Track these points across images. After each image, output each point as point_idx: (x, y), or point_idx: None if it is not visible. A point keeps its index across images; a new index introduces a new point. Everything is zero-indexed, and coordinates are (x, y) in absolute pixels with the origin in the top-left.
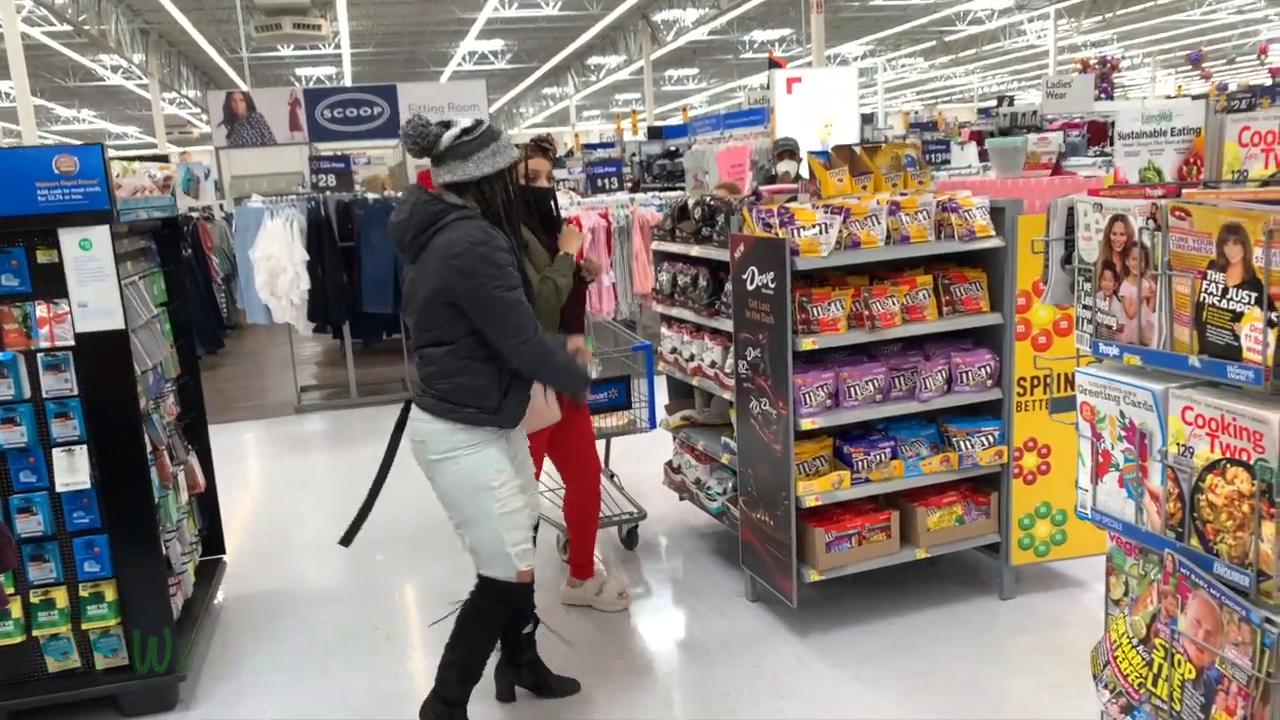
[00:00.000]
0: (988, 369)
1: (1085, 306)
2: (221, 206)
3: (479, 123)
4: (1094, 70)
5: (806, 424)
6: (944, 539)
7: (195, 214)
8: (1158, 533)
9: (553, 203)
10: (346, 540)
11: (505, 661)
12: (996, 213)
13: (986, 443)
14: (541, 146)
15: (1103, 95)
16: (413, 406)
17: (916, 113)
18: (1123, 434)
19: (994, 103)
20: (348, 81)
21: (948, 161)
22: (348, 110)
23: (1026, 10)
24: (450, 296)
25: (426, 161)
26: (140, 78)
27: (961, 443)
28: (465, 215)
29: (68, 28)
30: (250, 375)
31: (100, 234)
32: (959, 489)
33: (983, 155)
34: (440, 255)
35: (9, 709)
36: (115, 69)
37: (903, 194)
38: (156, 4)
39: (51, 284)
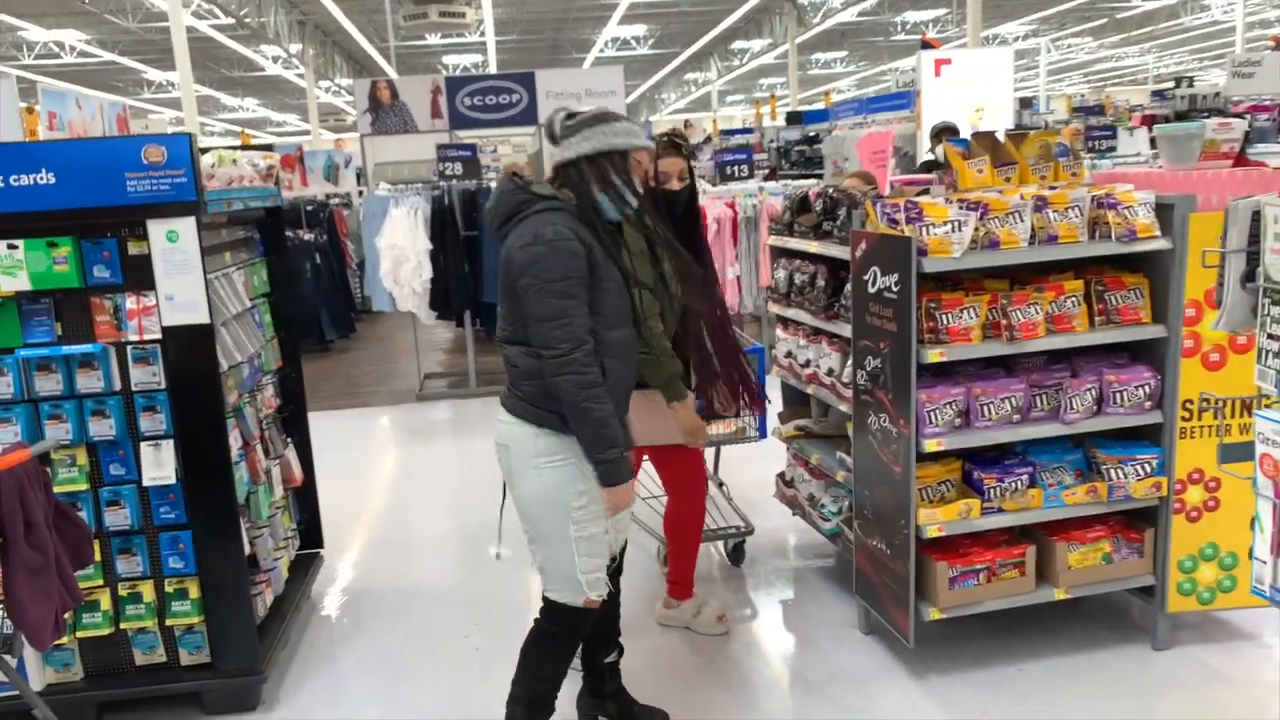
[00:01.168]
0: (1146, 389)
1: (1271, 336)
2: (361, 193)
3: (601, 111)
4: None
5: (930, 445)
6: (1088, 579)
7: (334, 200)
8: None
9: (688, 205)
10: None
11: (587, 691)
12: (1163, 210)
13: (1142, 472)
14: (674, 143)
15: None
16: (500, 408)
17: (1082, 96)
18: None
19: (1170, 84)
20: (492, 69)
21: (1113, 149)
22: (487, 98)
23: None
24: (514, 289)
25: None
26: (298, 67)
27: (1113, 471)
28: (549, 207)
29: (231, 21)
30: (378, 360)
31: (186, 225)
32: (1107, 523)
33: (1154, 142)
34: (513, 246)
35: (98, 700)
36: (275, 59)
37: (1052, 187)
38: None
39: (141, 276)
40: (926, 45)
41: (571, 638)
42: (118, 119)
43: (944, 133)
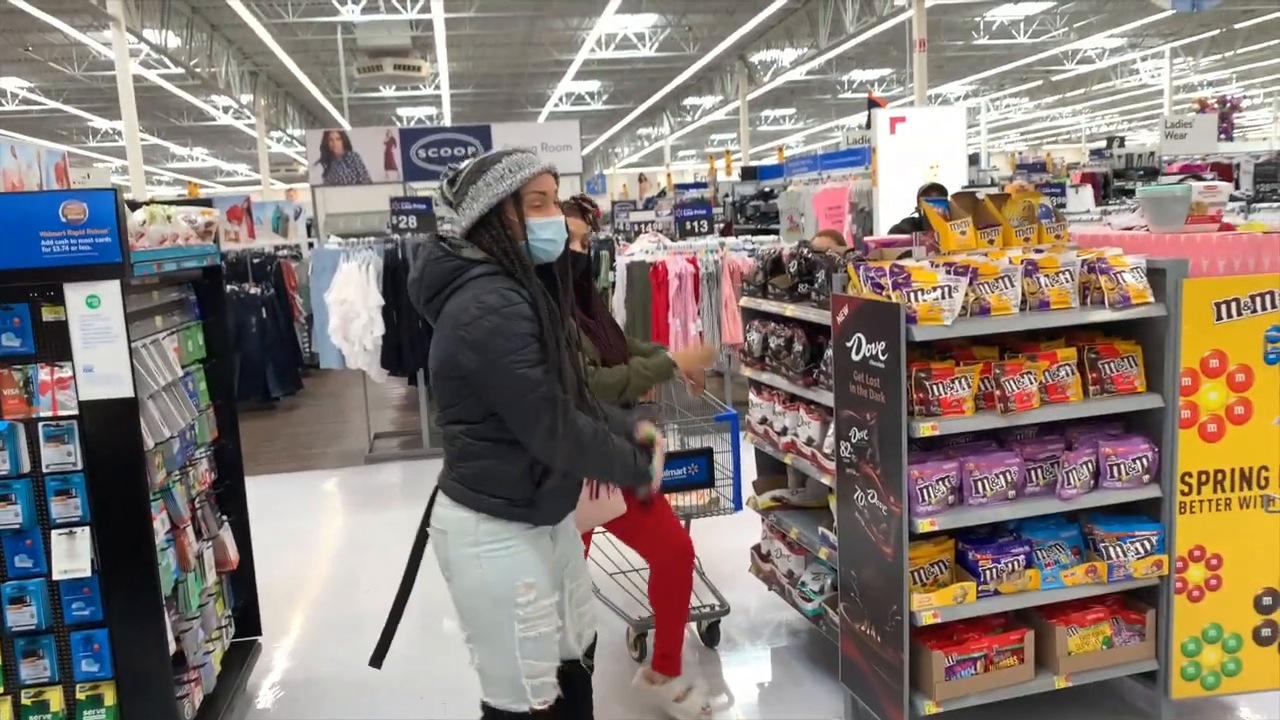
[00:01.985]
0: (1144, 461)
1: None
2: (312, 245)
3: (478, 161)
4: (1213, 110)
5: (924, 524)
6: (1088, 664)
7: (283, 252)
8: None
9: (587, 270)
10: (376, 661)
11: None
12: (1155, 274)
13: (1142, 550)
14: (580, 206)
15: (1224, 136)
16: (437, 492)
17: (1022, 153)
18: None
19: (1104, 143)
20: (447, 122)
21: (1063, 205)
22: (442, 150)
23: (1140, 49)
24: (460, 371)
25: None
26: (249, 117)
27: (1111, 549)
28: (486, 272)
29: (181, 70)
30: (326, 419)
31: (109, 289)
32: (1106, 604)
33: (1098, 199)
34: (450, 323)
35: None
36: (226, 109)
37: (1038, 250)
38: (265, 47)
39: (57, 345)
40: (873, 103)
41: None
42: (56, 168)
43: (931, 191)
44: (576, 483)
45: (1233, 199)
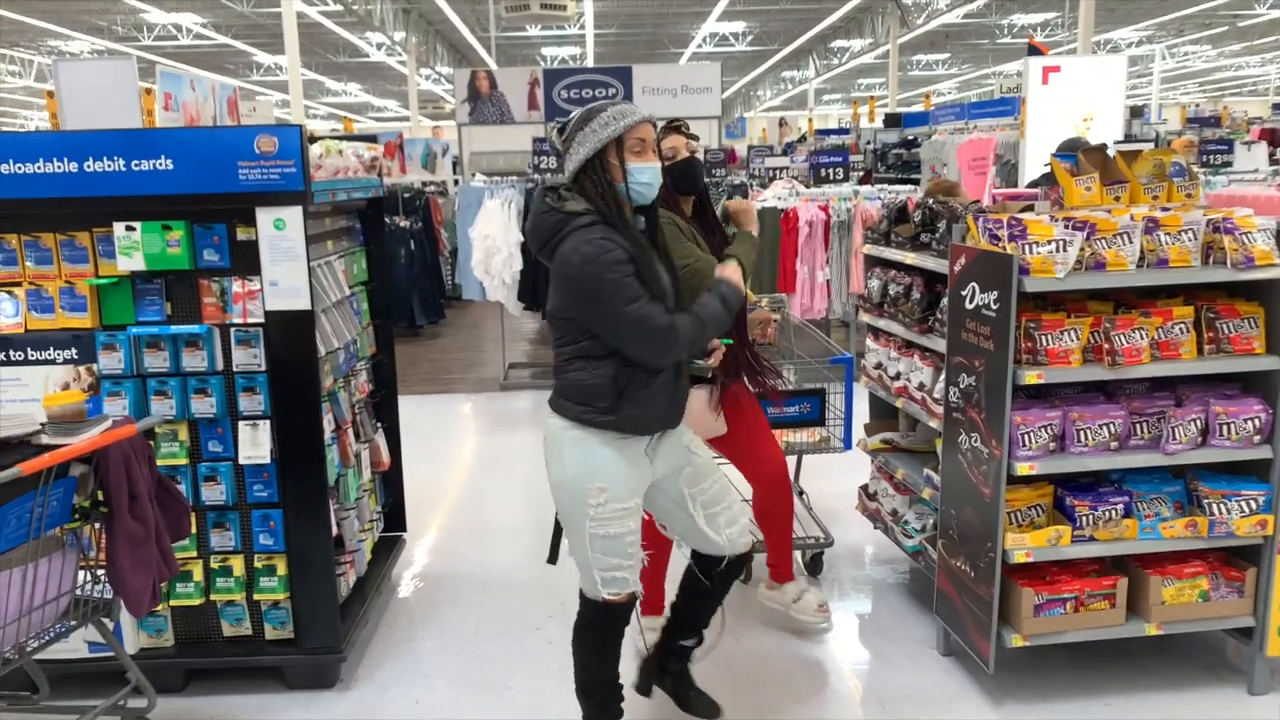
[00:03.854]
0: (1256, 422)
1: None
2: (457, 182)
3: (583, 112)
4: None
5: (1023, 468)
6: (1182, 615)
7: (430, 188)
8: None
9: (694, 173)
10: (552, 558)
11: (654, 657)
12: None
13: (1247, 509)
14: (674, 127)
15: None
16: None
17: (1197, 106)
18: None
19: None
20: (590, 62)
21: (1229, 164)
22: (584, 91)
23: None
24: (571, 313)
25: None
26: (400, 54)
27: (1215, 506)
28: (584, 224)
29: (339, 7)
30: (466, 347)
31: (293, 214)
32: (1206, 559)
33: (1274, 158)
34: (559, 273)
35: (186, 666)
36: (379, 46)
37: (1164, 209)
38: None
39: (248, 261)
40: (1034, 50)
41: (604, 631)
42: (229, 101)
43: (1071, 149)
44: (663, 394)
45: None
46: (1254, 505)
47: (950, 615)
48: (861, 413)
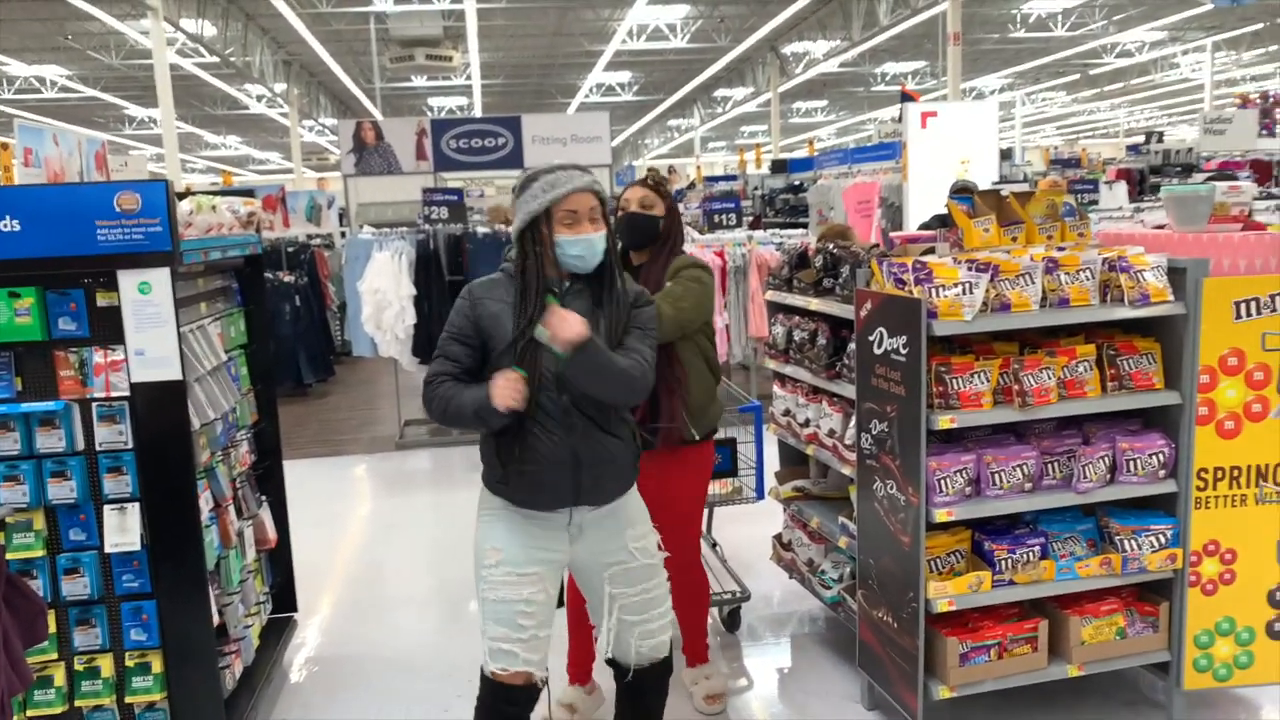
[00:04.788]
0: (1160, 457)
1: None
2: (344, 234)
3: (521, 179)
4: (1255, 105)
5: (941, 515)
6: (1101, 654)
7: (316, 241)
8: None
9: (633, 229)
10: (560, 602)
11: None
12: (1176, 274)
13: (1157, 544)
14: (642, 180)
15: (1265, 133)
16: None
17: (1057, 148)
18: None
19: (1141, 138)
20: (478, 112)
21: (1095, 202)
22: (473, 140)
23: (1181, 43)
24: None
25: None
26: (282, 106)
27: (1126, 542)
28: (494, 273)
29: (216, 59)
30: (357, 406)
31: (160, 276)
32: (1120, 595)
33: (1133, 196)
34: None
35: None
36: (260, 98)
37: (1060, 249)
38: (298, 36)
39: (110, 329)
40: (906, 97)
41: (492, 715)
42: (96, 155)
43: (963, 191)
44: (548, 475)
45: (1269, 196)
46: (1163, 540)
47: (874, 668)
48: (772, 460)
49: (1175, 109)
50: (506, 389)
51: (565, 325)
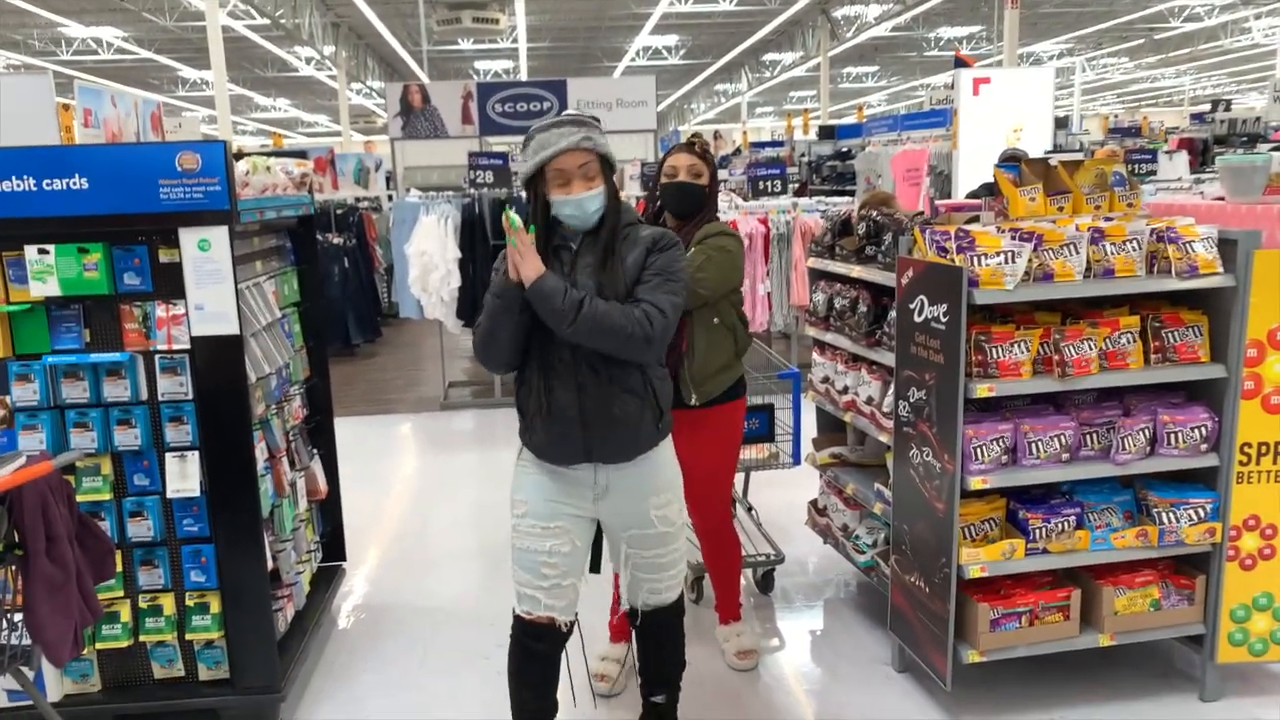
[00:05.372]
0: (1203, 430)
1: None
2: (390, 197)
3: (528, 133)
4: None
5: (976, 482)
6: (1134, 625)
7: (364, 204)
8: None
9: (682, 198)
10: (595, 568)
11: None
12: (1226, 245)
13: (1196, 517)
14: (687, 144)
15: None
16: None
17: (1117, 116)
18: None
19: (1208, 107)
20: (523, 75)
21: (1153, 173)
22: (518, 104)
23: (1254, 5)
24: None
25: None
26: (330, 69)
27: (1164, 515)
28: None
29: (267, 21)
30: (403, 367)
31: (219, 234)
32: (1157, 568)
33: (1195, 166)
34: None
35: (114, 712)
36: (308, 60)
37: (1108, 219)
38: None
39: (171, 284)
40: (960, 62)
41: (520, 651)
42: (152, 116)
43: (1012, 160)
44: (559, 429)
45: None
46: (1202, 513)
47: (905, 631)
48: (809, 427)
49: (1245, 76)
50: (523, 257)
51: (524, 263)
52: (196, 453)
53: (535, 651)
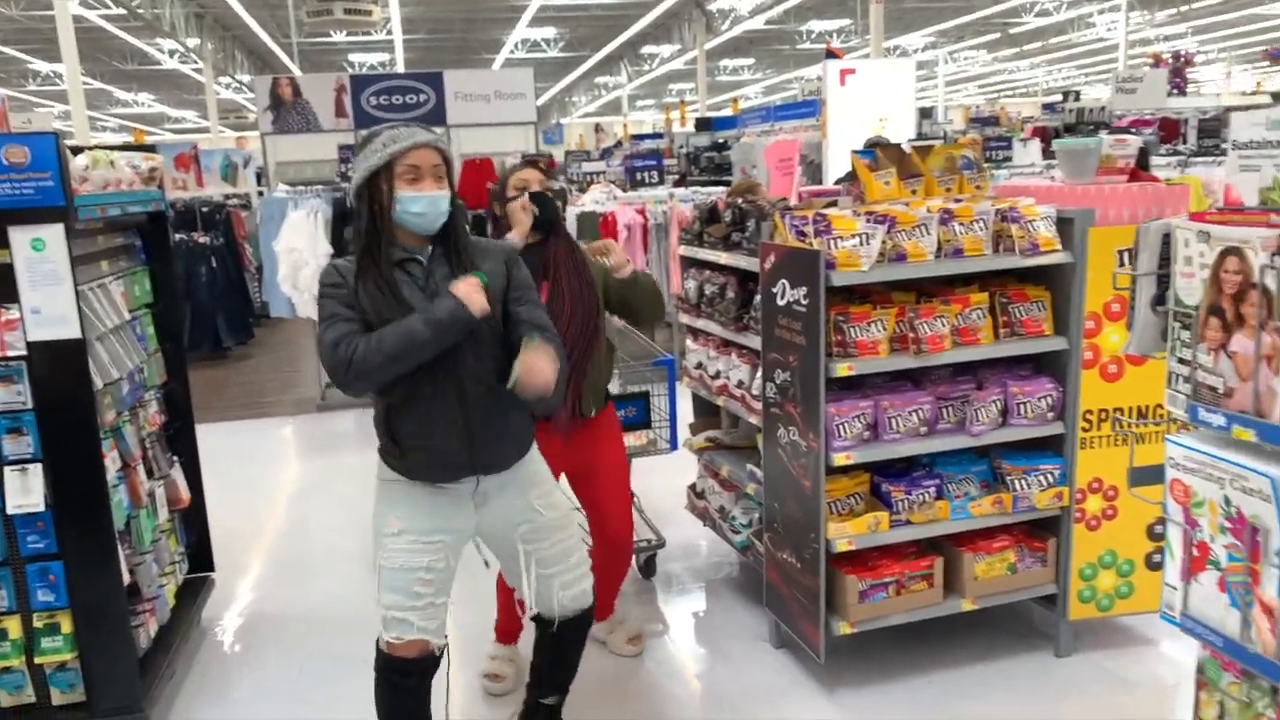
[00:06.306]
0: (1049, 400)
1: (1181, 360)
2: (261, 194)
3: (363, 136)
4: (1166, 65)
5: (840, 459)
6: (994, 589)
7: (233, 201)
8: (1271, 656)
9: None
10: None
11: (524, 715)
12: (1064, 224)
13: (1045, 483)
14: (530, 160)
15: (1175, 91)
16: None
17: (978, 107)
18: (1227, 526)
19: (1059, 98)
20: (400, 68)
21: (1009, 159)
22: (393, 97)
23: (1097, 2)
24: None
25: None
26: (195, 61)
27: (1017, 482)
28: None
29: (123, 11)
30: (279, 367)
31: (54, 233)
32: (1012, 533)
33: (1047, 153)
34: None
35: None
36: (171, 53)
37: (957, 200)
38: None
39: (4, 287)
40: (831, 55)
41: (387, 689)
42: None
43: (877, 146)
44: (444, 450)
45: (1174, 153)
46: (1051, 479)
47: (780, 607)
48: (685, 413)
49: (1091, 69)
50: (476, 294)
51: (537, 375)
52: (39, 465)
53: (406, 687)
